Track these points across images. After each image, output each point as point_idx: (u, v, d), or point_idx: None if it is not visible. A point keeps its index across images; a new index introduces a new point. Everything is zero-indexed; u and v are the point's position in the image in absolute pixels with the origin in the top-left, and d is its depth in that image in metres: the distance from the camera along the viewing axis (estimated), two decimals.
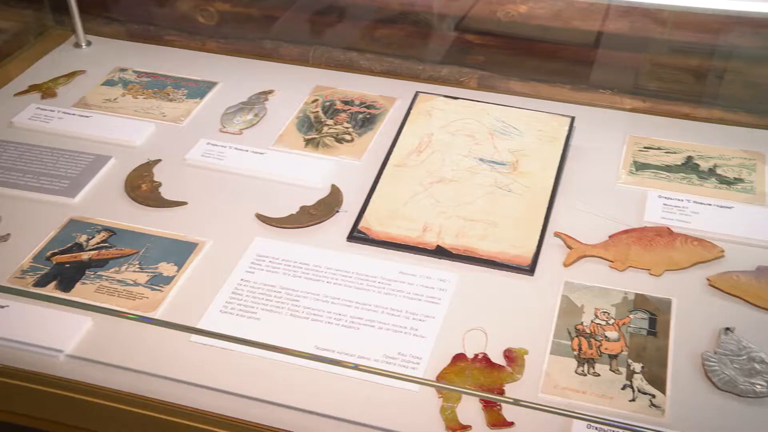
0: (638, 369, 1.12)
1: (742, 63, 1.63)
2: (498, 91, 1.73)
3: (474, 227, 1.32)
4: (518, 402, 1.04)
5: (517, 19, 1.73)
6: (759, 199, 1.38)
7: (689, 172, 1.44)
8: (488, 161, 1.44)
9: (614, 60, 1.73)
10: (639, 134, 1.55)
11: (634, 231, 1.32)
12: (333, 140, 1.54)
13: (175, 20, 1.92)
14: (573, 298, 1.22)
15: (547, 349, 1.15)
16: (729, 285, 1.23)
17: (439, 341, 1.17)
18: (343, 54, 1.83)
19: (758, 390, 1.08)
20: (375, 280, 1.26)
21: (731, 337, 1.15)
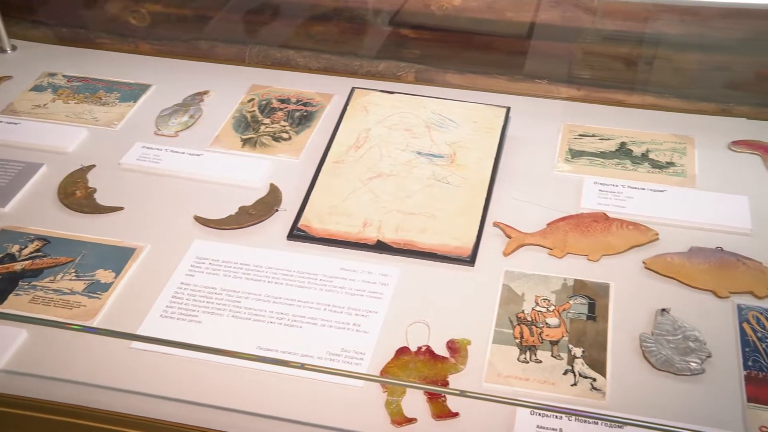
0: (579, 354, 1.14)
1: (670, 50, 1.66)
2: (436, 84, 1.74)
3: (414, 221, 1.33)
4: (464, 393, 1.05)
5: (451, 13, 1.74)
6: (690, 181, 1.41)
7: (623, 158, 1.47)
8: (426, 154, 1.44)
9: (548, 50, 1.75)
10: (574, 122, 1.57)
11: (571, 218, 1.34)
12: (270, 139, 1.53)
13: (106, 23, 1.88)
14: (513, 287, 1.23)
15: (489, 338, 1.16)
16: (664, 267, 1.25)
17: (382, 336, 1.17)
18: (280, 52, 1.82)
19: (693, 367, 1.11)
20: (316, 277, 1.25)
21: (667, 318, 1.18)
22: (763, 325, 1.16)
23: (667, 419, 1.04)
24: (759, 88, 1.61)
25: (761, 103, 1.60)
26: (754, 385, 1.08)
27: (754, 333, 1.15)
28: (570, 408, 1.06)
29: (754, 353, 1.12)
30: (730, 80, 1.63)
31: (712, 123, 1.56)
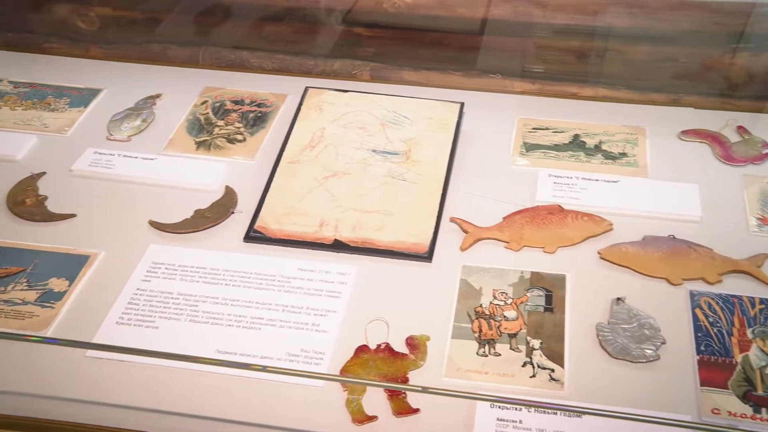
0: (537, 345, 1.15)
1: (620, 42, 1.68)
2: (391, 81, 1.74)
3: (370, 219, 1.33)
4: (427, 390, 1.05)
5: (403, 10, 1.74)
6: (642, 171, 1.43)
7: (577, 150, 1.48)
8: (381, 152, 1.44)
9: (501, 45, 1.76)
10: (528, 116, 1.58)
11: (527, 211, 1.35)
12: (225, 141, 1.52)
13: (54, 27, 1.85)
14: (471, 281, 1.24)
15: (448, 333, 1.17)
16: (618, 256, 1.27)
17: (342, 335, 1.17)
18: (233, 53, 1.81)
19: (648, 354, 1.12)
20: (274, 278, 1.25)
21: (622, 307, 1.19)
22: (714, 310, 1.18)
23: (625, 406, 1.06)
24: (706, 78, 1.63)
25: (709, 92, 1.63)
26: (706, 369, 1.10)
27: (706, 318, 1.17)
28: (529, 399, 1.07)
29: (706, 338, 1.14)
30: (678, 71, 1.65)
31: (663, 113, 1.59)
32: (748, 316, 1.17)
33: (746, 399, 1.06)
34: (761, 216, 1.33)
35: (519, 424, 1.05)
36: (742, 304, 1.19)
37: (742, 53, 1.62)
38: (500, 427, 1.04)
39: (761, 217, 1.33)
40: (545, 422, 1.05)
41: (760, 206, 1.35)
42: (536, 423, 1.05)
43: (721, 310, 1.18)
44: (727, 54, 1.63)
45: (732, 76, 1.63)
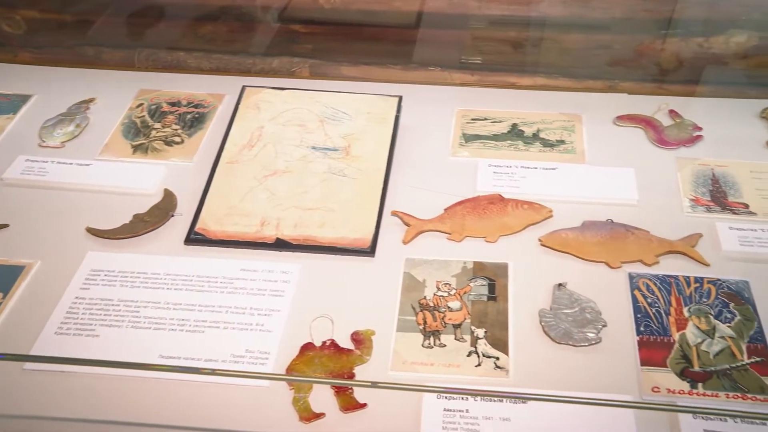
0: (481, 334, 1.16)
1: (555, 31, 1.70)
2: (330, 77, 1.74)
3: (312, 216, 1.32)
4: (376, 384, 1.06)
5: (339, 6, 1.73)
6: (579, 158, 1.45)
7: (515, 139, 1.49)
8: (321, 148, 1.44)
9: (438, 37, 1.77)
10: (468, 107, 1.59)
11: (467, 201, 1.36)
12: (162, 144, 1.50)
13: None
14: (414, 274, 1.24)
15: (393, 327, 1.17)
16: (559, 243, 1.28)
17: (286, 333, 1.17)
18: (170, 54, 1.78)
19: (590, 337, 1.14)
20: (216, 280, 1.24)
21: (564, 292, 1.21)
22: (652, 291, 1.20)
23: (569, 390, 1.07)
24: (639, 64, 1.67)
25: (642, 78, 1.66)
26: (646, 349, 1.12)
27: (645, 299, 1.19)
28: (475, 389, 1.08)
29: (645, 318, 1.17)
30: (612, 58, 1.68)
31: (599, 100, 1.61)
32: (685, 295, 1.20)
33: (684, 376, 1.09)
34: (694, 197, 1.36)
35: (466, 413, 1.06)
36: (679, 284, 1.22)
37: (671, 39, 1.65)
38: (447, 417, 1.05)
39: (694, 198, 1.36)
40: (492, 410, 1.06)
41: (692, 187, 1.38)
42: (483, 411, 1.05)
43: (659, 290, 1.21)
44: (657, 40, 1.66)
45: (663, 61, 1.66)
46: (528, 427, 1.04)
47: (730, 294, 1.20)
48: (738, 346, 1.13)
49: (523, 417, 1.05)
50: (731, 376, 1.09)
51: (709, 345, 1.13)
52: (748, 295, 1.19)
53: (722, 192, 1.37)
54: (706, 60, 1.66)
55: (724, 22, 1.63)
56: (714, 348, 1.13)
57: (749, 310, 1.17)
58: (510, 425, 1.04)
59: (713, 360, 1.11)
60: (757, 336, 1.14)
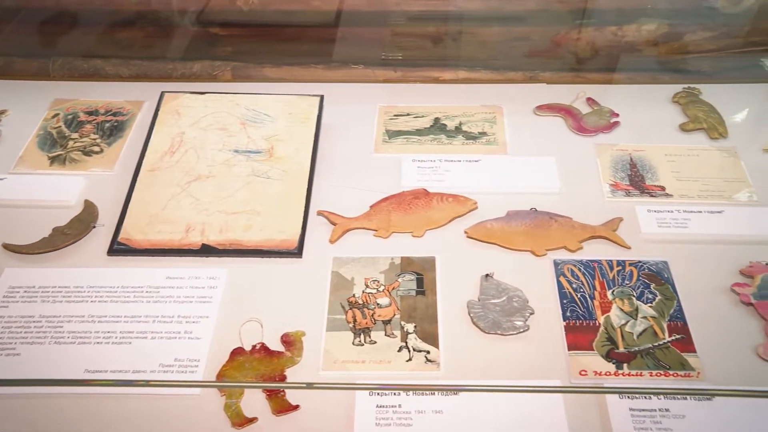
0: (411, 329, 1.16)
1: (474, 24, 1.72)
2: (254, 79, 1.72)
3: (237, 220, 1.31)
4: (312, 385, 1.06)
5: (257, 7, 1.72)
6: (501, 149, 1.47)
7: (438, 133, 1.51)
8: (243, 151, 1.42)
9: (360, 35, 1.77)
10: (393, 103, 1.60)
11: (393, 197, 1.36)
12: (81, 154, 1.46)
13: None
14: (343, 272, 1.24)
15: (323, 326, 1.17)
16: (484, 234, 1.30)
17: (216, 339, 1.15)
18: (87, 62, 1.74)
19: (518, 325, 1.16)
20: (142, 290, 1.21)
21: (491, 282, 1.22)
22: (577, 276, 1.23)
23: (500, 379, 1.09)
24: (556, 54, 1.70)
25: (560, 68, 1.69)
26: (573, 334, 1.15)
27: (570, 285, 1.22)
28: (406, 384, 1.08)
29: (571, 304, 1.19)
30: (530, 49, 1.70)
31: (519, 91, 1.63)
32: (608, 278, 1.23)
33: (609, 357, 1.11)
34: (614, 182, 1.39)
35: (399, 408, 1.06)
36: (602, 268, 1.24)
37: (586, 29, 1.69)
38: (380, 413, 1.05)
39: (614, 183, 1.39)
40: (424, 404, 1.06)
41: (612, 173, 1.41)
42: (415, 405, 1.06)
43: (583, 275, 1.23)
44: (573, 30, 1.69)
45: (579, 51, 1.70)
46: (460, 419, 1.05)
47: (650, 275, 1.23)
48: (660, 325, 1.16)
49: (456, 408, 1.06)
50: (654, 355, 1.12)
51: (633, 326, 1.16)
52: (667, 275, 1.23)
53: (640, 176, 1.41)
54: (620, 48, 1.70)
55: (635, 10, 1.68)
56: (637, 329, 1.16)
57: (669, 289, 1.21)
58: (443, 417, 1.05)
59: (637, 340, 1.14)
60: (677, 314, 1.17)
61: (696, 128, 1.50)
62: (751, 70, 1.67)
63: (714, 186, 1.38)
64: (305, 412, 1.06)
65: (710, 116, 1.52)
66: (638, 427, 1.03)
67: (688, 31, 1.68)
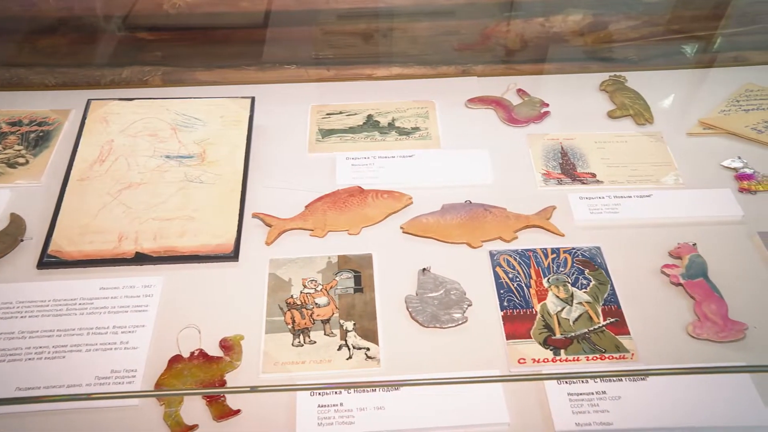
0: (350, 327, 1.16)
1: (404, 20, 1.72)
2: (186, 84, 1.70)
3: (171, 226, 1.29)
4: (256, 389, 1.05)
5: (184, 10, 1.70)
6: (435, 143, 1.48)
7: (371, 130, 1.51)
8: (175, 157, 1.40)
9: (290, 35, 1.76)
10: (327, 102, 1.59)
11: (328, 196, 1.36)
12: (5, 166, 1.42)
13: None
14: (280, 274, 1.24)
15: (262, 329, 1.16)
16: (420, 228, 1.30)
17: (153, 348, 1.14)
18: (8, 71, 1.69)
19: (457, 318, 1.17)
20: (75, 302, 1.19)
21: (428, 276, 1.23)
22: (513, 266, 1.24)
23: (440, 372, 1.10)
24: (486, 47, 1.71)
25: (491, 60, 1.71)
26: (510, 323, 1.16)
27: (506, 275, 1.23)
28: (346, 382, 1.08)
29: (508, 294, 1.20)
30: (460, 42, 1.72)
31: (450, 85, 1.64)
32: (543, 266, 1.24)
33: (547, 344, 1.13)
34: (546, 171, 1.41)
35: (340, 407, 1.06)
36: (537, 257, 1.26)
37: (515, 21, 1.71)
38: (322, 413, 1.05)
39: (546, 172, 1.41)
40: (365, 401, 1.06)
41: (544, 162, 1.43)
42: (357, 403, 1.06)
43: (519, 265, 1.25)
44: (502, 23, 1.71)
45: (509, 43, 1.71)
46: (402, 413, 1.05)
47: (584, 261, 1.25)
48: (594, 310, 1.18)
49: (397, 403, 1.06)
50: (590, 340, 1.14)
51: (569, 312, 1.18)
52: (600, 260, 1.25)
53: (571, 164, 1.43)
54: (548, 39, 1.72)
55: (561, 2, 1.70)
56: (573, 314, 1.18)
57: (602, 274, 1.23)
58: (384, 413, 1.05)
59: (573, 326, 1.16)
60: (610, 298, 1.19)
61: (623, 115, 1.54)
62: (674, 57, 1.72)
63: (642, 171, 1.41)
64: (246, 416, 1.06)
65: (636, 103, 1.55)
66: (576, 411, 1.05)
67: (612, 21, 1.71)
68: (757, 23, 1.72)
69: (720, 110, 1.54)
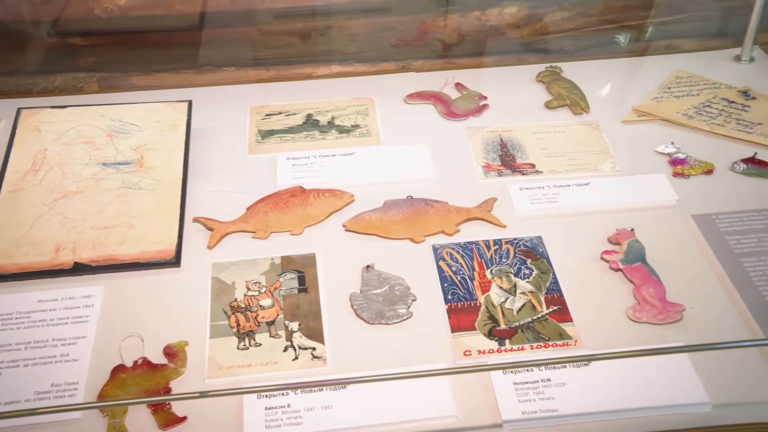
0: (296, 328, 1.16)
1: (341, 18, 1.72)
2: (122, 89, 1.68)
3: (110, 234, 1.27)
4: (205, 394, 1.03)
5: (117, 14, 1.67)
6: (375, 140, 1.48)
7: (311, 129, 1.50)
8: (112, 164, 1.38)
9: (228, 36, 1.75)
10: (267, 103, 1.58)
11: (269, 197, 1.35)
12: None
13: None
14: (223, 278, 1.23)
15: (206, 334, 1.15)
16: (362, 226, 1.30)
17: (95, 359, 1.12)
18: None
19: (402, 313, 1.17)
20: (11, 317, 1.16)
21: (372, 273, 1.23)
22: (456, 259, 1.25)
23: (387, 368, 1.10)
24: (424, 42, 1.72)
25: (430, 55, 1.72)
26: (455, 316, 1.17)
27: (450, 268, 1.24)
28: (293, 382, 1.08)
29: (452, 287, 1.21)
30: (398, 38, 1.72)
31: (389, 81, 1.65)
32: (486, 258, 1.25)
33: (492, 335, 1.14)
34: (486, 163, 1.42)
35: (288, 408, 1.05)
36: (480, 249, 1.27)
37: (451, 15, 1.72)
38: (270, 415, 1.05)
39: (486, 165, 1.42)
40: (313, 401, 1.06)
41: (483, 154, 1.44)
42: (304, 403, 1.06)
43: (462, 258, 1.26)
44: (439, 18, 1.72)
45: (446, 37, 1.73)
46: (350, 411, 1.05)
47: (526, 251, 1.27)
48: (537, 299, 1.19)
49: (345, 402, 1.06)
50: (534, 328, 1.15)
51: (512, 302, 1.19)
52: (542, 250, 1.27)
53: (511, 156, 1.44)
54: (485, 32, 1.74)
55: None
56: (516, 304, 1.19)
57: (544, 263, 1.25)
58: (332, 412, 1.05)
59: (517, 316, 1.17)
60: (553, 287, 1.21)
61: (560, 105, 1.56)
62: (608, 47, 1.75)
63: (580, 160, 1.43)
64: (193, 423, 1.04)
65: (572, 93, 1.58)
66: (522, 400, 1.06)
67: (547, 13, 1.73)
68: (686, 12, 1.76)
69: (652, 97, 1.57)
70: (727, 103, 1.54)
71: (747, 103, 1.54)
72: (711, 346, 1.08)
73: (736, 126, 1.49)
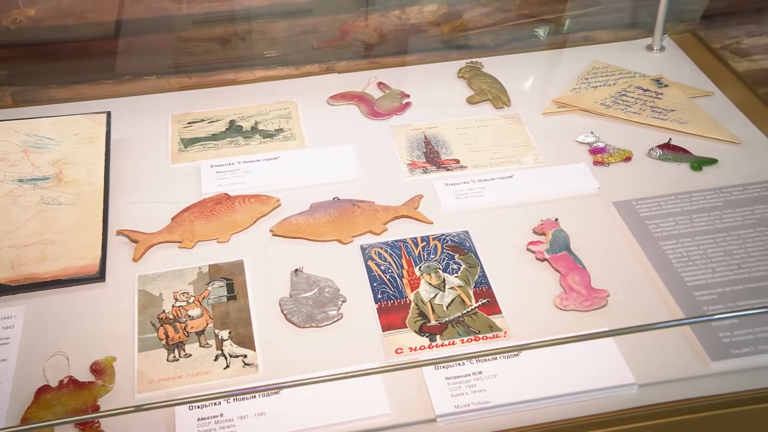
0: (226, 336, 1.15)
1: (260, 22, 1.71)
2: (40, 102, 1.64)
3: (30, 252, 1.23)
4: (140, 408, 1.00)
5: (27, 24, 1.62)
6: (299, 143, 1.48)
7: (234, 135, 1.49)
8: (29, 180, 1.35)
9: (146, 44, 1.71)
10: (189, 111, 1.56)
11: (194, 206, 1.33)
12: None
13: None
14: (150, 290, 1.21)
15: (134, 348, 1.13)
16: (289, 229, 1.30)
17: (18, 382, 1.08)
18: None
19: (332, 315, 1.17)
20: None
21: (301, 277, 1.23)
22: (384, 258, 1.25)
23: (320, 370, 1.09)
24: (346, 43, 1.72)
25: (353, 56, 1.73)
26: (386, 315, 1.17)
27: (378, 267, 1.24)
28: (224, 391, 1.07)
29: (381, 286, 1.21)
30: (320, 40, 1.72)
31: (313, 84, 1.65)
32: (414, 256, 1.26)
33: (422, 332, 1.15)
34: (411, 161, 1.43)
35: (221, 417, 1.04)
36: (407, 246, 1.28)
37: (372, 15, 1.72)
38: (202, 426, 1.03)
39: (411, 162, 1.43)
40: (246, 408, 1.05)
41: (408, 152, 1.45)
42: (237, 411, 1.05)
43: (390, 256, 1.26)
44: (359, 18, 1.72)
45: (367, 37, 1.73)
46: (284, 416, 1.04)
47: (454, 246, 1.28)
48: (466, 293, 1.20)
49: (278, 407, 1.05)
50: (464, 323, 1.16)
51: (442, 298, 1.20)
52: (469, 244, 1.28)
53: (435, 152, 1.46)
54: (406, 31, 1.75)
55: None
56: (446, 300, 1.20)
57: (472, 257, 1.26)
58: (266, 419, 1.04)
59: (446, 311, 1.18)
60: (481, 280, 1.22)
61: (482, 100, 1.58)
62: (528, 41, 1.78)
63: (503, 153, 1.45)
64: None
65: (494, 87, 1.60)
66: (455, 394, 1.06)
67: (466, 9, 1.75)
68: (601, 4, 1.80)
69: (571, 88, 1.60)
70: (642, 91, 1.59)
71: (660, 91, 1.58)
72: (634, 329, 1.11)
73: (651, 113, 1.53)
